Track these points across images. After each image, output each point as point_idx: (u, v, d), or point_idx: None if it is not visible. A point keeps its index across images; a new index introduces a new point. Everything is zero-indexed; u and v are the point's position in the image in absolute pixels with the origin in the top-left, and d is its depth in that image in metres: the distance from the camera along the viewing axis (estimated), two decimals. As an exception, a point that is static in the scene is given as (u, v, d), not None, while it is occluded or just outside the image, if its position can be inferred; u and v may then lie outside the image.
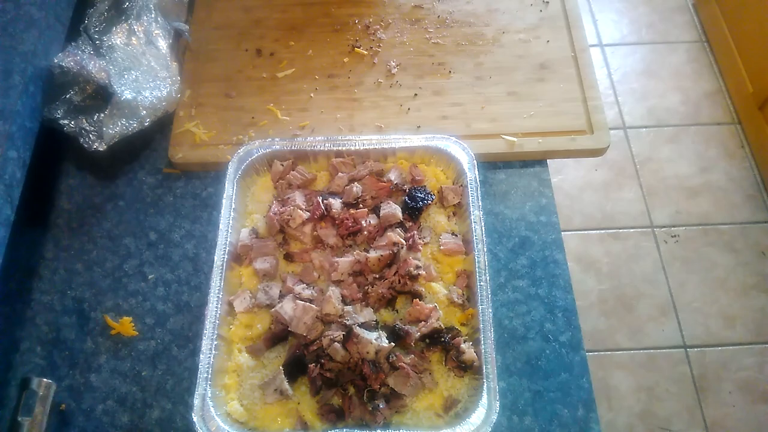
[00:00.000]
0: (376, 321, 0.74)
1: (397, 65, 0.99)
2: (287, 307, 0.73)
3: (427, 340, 0.73)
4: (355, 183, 0.82)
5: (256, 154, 0.83)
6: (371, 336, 0.70)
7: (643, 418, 1.60)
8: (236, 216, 0.80)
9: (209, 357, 0.70)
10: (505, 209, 0.89)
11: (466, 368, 0.71)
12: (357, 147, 0.84)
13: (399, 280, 0.75)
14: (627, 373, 1.66)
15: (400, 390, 0.70)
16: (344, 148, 0.84)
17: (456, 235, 0.80)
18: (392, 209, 0.80)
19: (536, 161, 0.93)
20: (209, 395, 0.67)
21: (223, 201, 0.79)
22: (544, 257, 0.85)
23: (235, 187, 0.81)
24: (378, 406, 0.69)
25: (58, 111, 0.86)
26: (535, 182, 0.91)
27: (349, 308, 0.74)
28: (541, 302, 0.82)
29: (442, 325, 0.73)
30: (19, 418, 0.69)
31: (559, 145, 0.92)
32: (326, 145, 0.84)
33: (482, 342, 0.70)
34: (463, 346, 0.71)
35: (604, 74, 2.14)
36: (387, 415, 0.69)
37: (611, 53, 2.20)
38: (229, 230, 0.78)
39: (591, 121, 0.93)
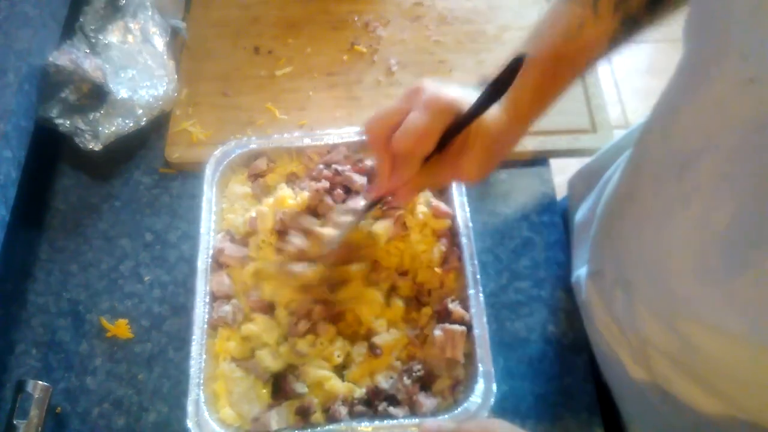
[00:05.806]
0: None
1: (397, 63, 0.98)
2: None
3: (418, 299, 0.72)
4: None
5: (233, 155, 0.82)
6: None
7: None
8: (216, 219, 0.78)
9: (199, 362, 0.68)
10: (507, 209, 0.87)
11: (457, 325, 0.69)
12: (335, 141, 0.81)
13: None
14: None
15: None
16: (323, 143, 0.81)
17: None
18: (359, 179, 0.76)
19: (538, 160, 0.91)
20: (202, 401, 0.66)
21: (203, 204, 0.78)
22: (547, 258, 0.83)
23: (214, 189, 0.79)
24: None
25: (53, 110, 0.85)
26: (537, 182, 0.90)
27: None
28: (543, 304, 0.81)
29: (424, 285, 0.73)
30: (15, 422, 0.68)
31: (562, 144, 0.90)
32: (304, 140, 0.82)
33: (475, 328, 0.68)
34: (450, 306, 0.70)
35: (608, 72, 2.13)
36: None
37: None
38: (210, 233, 0.77)
39: (594, 119, 0.92)
